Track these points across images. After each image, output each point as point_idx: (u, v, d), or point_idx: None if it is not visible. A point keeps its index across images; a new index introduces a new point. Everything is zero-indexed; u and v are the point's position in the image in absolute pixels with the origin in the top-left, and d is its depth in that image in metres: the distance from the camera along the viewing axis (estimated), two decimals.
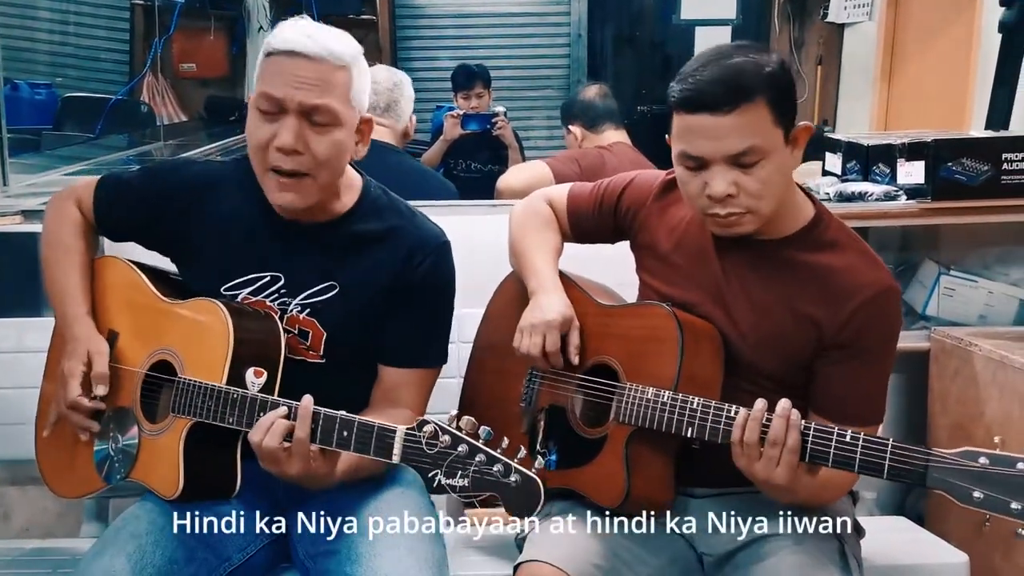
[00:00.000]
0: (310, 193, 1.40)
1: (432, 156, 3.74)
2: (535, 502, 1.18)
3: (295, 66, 1.35)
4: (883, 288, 1.38)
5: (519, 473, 1.18)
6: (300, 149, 1.36)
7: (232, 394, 1.34)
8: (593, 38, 5.51)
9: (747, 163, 1.31)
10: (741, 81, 1.29)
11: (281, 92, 1.35)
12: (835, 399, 1.40)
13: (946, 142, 2.19)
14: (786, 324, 1.40)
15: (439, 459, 1.20)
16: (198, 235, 1.51)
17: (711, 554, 1.45)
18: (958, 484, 1.17)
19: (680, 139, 1.35)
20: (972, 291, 2.33)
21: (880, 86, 3.90)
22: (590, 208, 1.60)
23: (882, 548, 1.64)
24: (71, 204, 1.58)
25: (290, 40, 1.36)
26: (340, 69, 1.38)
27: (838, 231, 1.44)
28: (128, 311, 1.52)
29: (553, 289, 1.51)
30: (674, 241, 1.50)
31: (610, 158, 2.69)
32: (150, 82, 4.76)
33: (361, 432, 1.26)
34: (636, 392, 1.40)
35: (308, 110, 1.36)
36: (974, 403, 2.09)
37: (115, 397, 1.47)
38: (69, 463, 1.53)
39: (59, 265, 1.54)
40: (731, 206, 1.34)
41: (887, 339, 1.41)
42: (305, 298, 1.47)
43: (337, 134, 1.38)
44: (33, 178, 2.71)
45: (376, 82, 2.44)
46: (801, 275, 1.40)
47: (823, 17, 4.76)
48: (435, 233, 1.51)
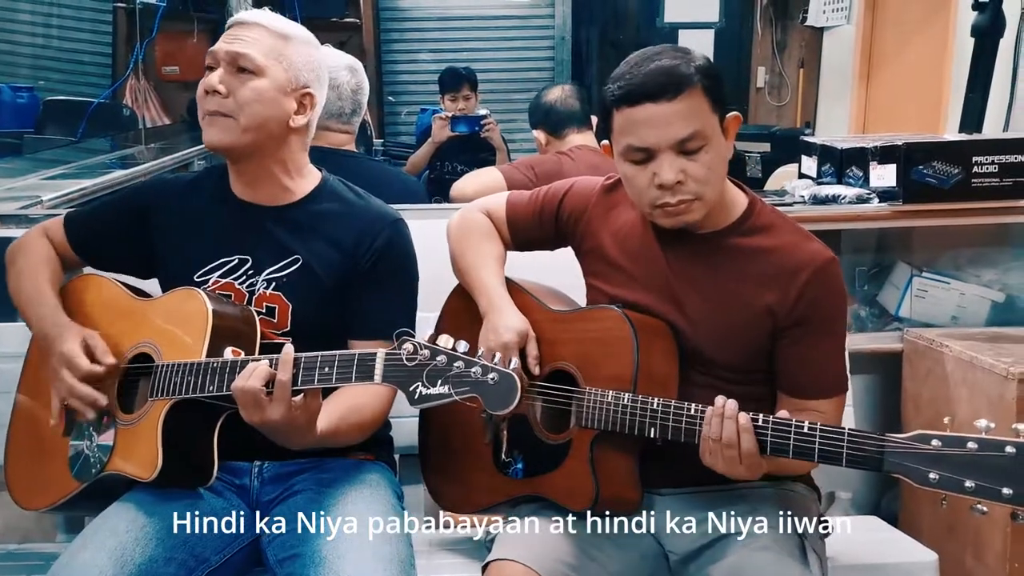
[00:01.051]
0: (230, 131, 1.50)
1: (419, 158, 3.75)
2: (513, 396, 1.21)
3: (236, 29, 1.52)
4: (824, 260, 1.42)
5: (496, 371, 1.21)
6: (222, 91, 1.49)
7: (212, 364, 1.37)
8: (577, 41, 5.54)
9: (692, 148, 1.37)
10: (678, 70, 1.36)
11: (219, 47, 1.51)
12: (802, 377, 1.43)
13: (917, 145, 2.21)
14: (739, 313, 1.43)
15: (419, 371, 1.23)
16: (166, 241, 1.57)
17: (676, 552, 1.47)
18: (914, 467, 1.20)
19: (625, 133, 1.39)
20: (944, 292, 2.35)
21: (858, 89, 3.94)
22: (529, 216, 1.62)
23: (853, 547, 1.65)
24: (40, 237, 1.64)
25: (241, 14, 1.54)
26: (275, 36, 1.52)
27: (771, 214, 1.49)
28: (105, 318, 1.55)
29: (505, 306, 1.53)
30: (619, 243, 1.52)
31: (568, 164, 2.63)
32: (133, 85, 4.75)
33: (342, 362, 1.29)
34: (596, 396, 1.41)
35: (233, 57, 1.49)
36: (945, 403, 2.11)
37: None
38: (40, 473, 1.53)
39: (27, 281, 1.58)
40: (680, 193, 1.38)
41: (837, 307, 1.46)
42: (270, 274, 1.52)
43: (259, 82, 1.49)
44: (11, 182, 2.71)
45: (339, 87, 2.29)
46: (745, 263, 1.44)
47: (803, 21, 4.80)
48: (389, 211, 1.59)
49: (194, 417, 1.39)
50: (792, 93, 5.19)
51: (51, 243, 1.63)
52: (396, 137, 5.36)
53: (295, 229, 1.54)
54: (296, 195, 1.56)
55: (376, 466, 1.57)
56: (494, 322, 1.51)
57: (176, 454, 1.38)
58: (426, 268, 1.60)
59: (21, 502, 1.56)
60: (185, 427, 1.39)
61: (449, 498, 1.62)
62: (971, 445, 1.17)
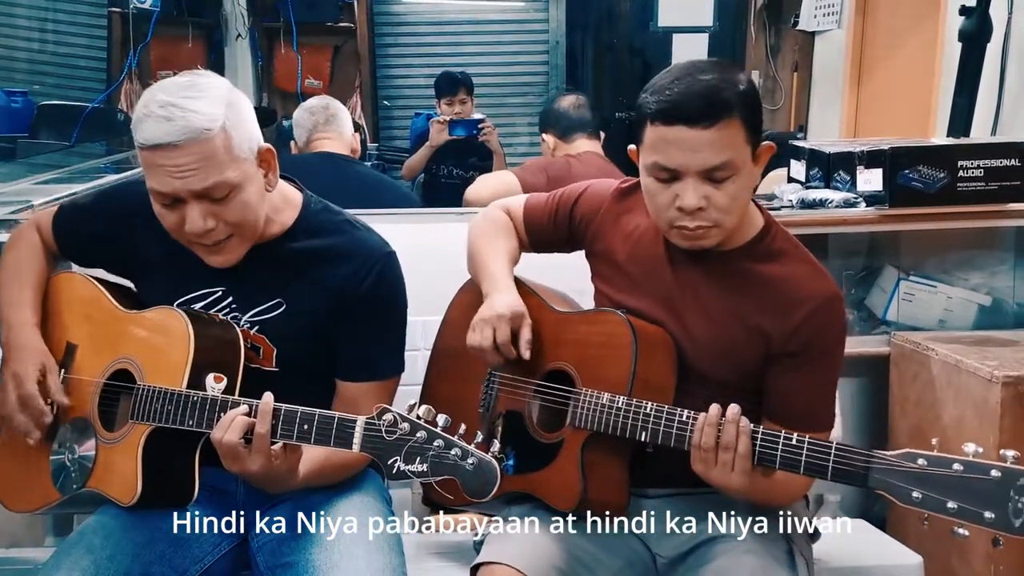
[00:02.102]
0: (239, 247, 1.43)
1: (416, 162, 3.76)
2: (491, 484, 1.20)
3: (168, 157, 1.33)
4: (828, 297, 1.42)
5: (476, 456, 1.20)
6: (212, 226, 1.38)
7: (192, 397, 1.35)
8: (572, 45, 5.55)
9: (719, 178, 1.34)
10: (720, 96, 1.31)
11: (169, 187, 1.35)
12: (786, 406, 1.42)
13: (903, 150, 2.23)
14: (736, 333, 1.43)
15: (398, 446, 1.22)
16: (151, 252, 1.52)
17: (664, 555, 1.47)
18: (898, 485, 1.20)
19: (654, 150, 1.36)
20: (931, 296, 2.37)
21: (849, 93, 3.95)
22: (545, 217, 1.63)
23: (840, 550, 1.67)
24: (31, 230, 1.61)
25: (151, 134, 1.32)
26: (212, 138, 1.34)
27: (784, 241, 1.47)
28: (86, 323, 1.54)
29: (505, 288, 1.53)
30: (628, 249, 1.52)
31: (577, 166, 2.71)
32: (128, 90, 4.75)
33: (321, 424, 1.28)
34: (591, 397, 1.42)
35: (203, 193, 1.36)
36: (931, 407, 2.12)
37: (72, 408, 1.48)
38: (23, 477, 1.53)
39: (11, 281, 1.56)
40: (700, 219, 1.36)
41: (834, 346, 1.44)
42: (254, 315, 1.48)
43: (241, 196, 1.38)
44: (4, 187, 2.71)
45: (309, 107, 2.75)
46: (750, 286, 1.43)
47: (795, 25, 4.81)
48: (378, 245, 1.51)
49: (175, 440, 1.38)
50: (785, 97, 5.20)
51: (40, 236, 1.60)
52: (391, 141, 5.36)
53: (277, 269, 1.48)
54: (276, 231, 1.49)
55: (363, 470, 1.57)
56: (493, 299, 1.51)
57: (156, 479, 1.38)
58: (422, 273, 1.59)
59: (7, 504, 1.57)
60: (165, 451, 1.39)
61: (439, 492, 1.63)
62: (957, 467, 1.17)
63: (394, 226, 1.59)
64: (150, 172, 1.36)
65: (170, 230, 1.41)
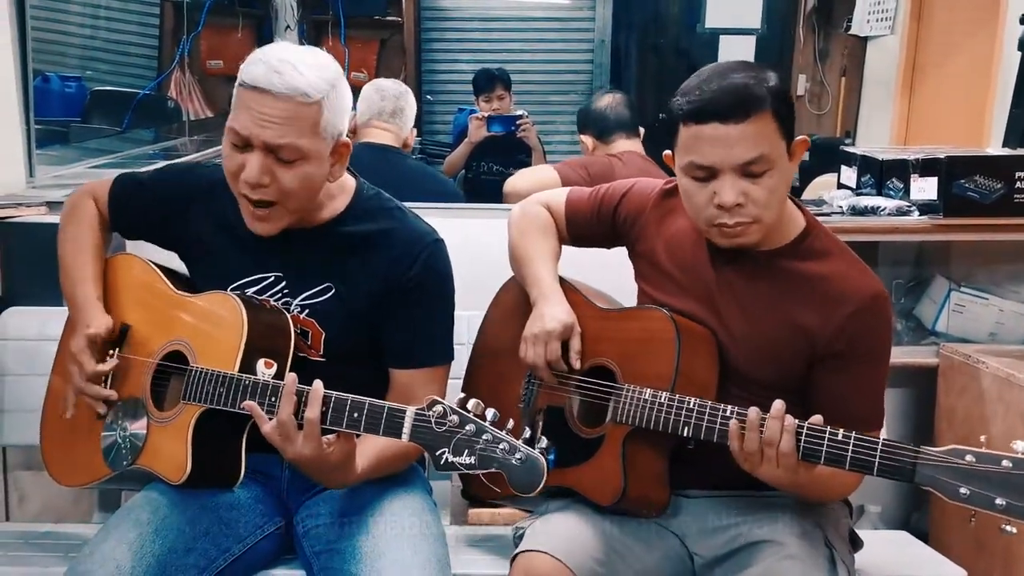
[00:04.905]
0: (279, 219, 1.44)
1: (457, 158, 3.77)
2: (538, 479, 1.21)
3: (261, 103, 1.36)
4: (873, 294, 1.41)
5: (523, 452, 1.21)
6: (266, 183, 1.39)
7: (243, 380, 1.37)
8: (617, 44, 5.52)
9: (756, 172, 1.35)
10: (751, 92, 1.34)
11: (247, 130, 1.37)
12: (833, 408, 1.40)
13: (959, 159, 2.20)
14: (779, 334, 1.42)
15: (447, 438, 1.23)
16: (204, 235, 1.55)
17: (702, 555, 1.47)
18: (946, 481, 1.20)
19: (689, 150, 1.37)
20: (983, 308, 2.33)
21: (900, 100, 3.89)
22: (588, 213, 1.63)
23: (881, 561, 1.65)
24: (87, 199, 1.63)
25: (257, 76, 1.36)
26: (308, 105, 1.37)
27: (827, 240, 1.47)
28: (141, 305, 1.56)
29: (554, 297, 1.54)
30: (670, 250, 1.53)
31: (619, 166, 2.69)
32: (177, 78, 4.81)
33: (372, 413, 1.29)
34: (634, 393, 1.42)
35: (273, 148, 1.38)
36: (980, 420, 2.09)
37: (126, 387, 1.51)
38: (75, 452, 1.56)
39: (72, 255, 1.59)
40: (739, 215, 1.37)
41: (881, 344, 1.44)
42: (305, 299, 1.50)
43: (305, 167, 1.40)
44: (59, 170, 2.77)
45: (383, 89, 2.70)
46: (794, 285, 1.43)
47: (847, 29, 4.75)
48: (426, 231, 1.52)
49: (224, 423, 1.40)
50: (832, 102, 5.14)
51: (96, 206, 1.62)
52: (433, 136, 5.38)
53: (329, 253, 1.50)
54: (328, 216, 1.51)
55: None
56: (543, 311, 1.52)
57: (204, 459, 1.41)
58: (466, 268, 1.60)
59: (58, 478, 1.60)
60: (215, 433, 1.41)
61: (482, 484, 1.64)
62: (1006, 463, 1.17)
63: (438, 220, 1.59)
64: (237, 110, 1.39)
65: (228, 172, 1.43)
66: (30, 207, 2.18)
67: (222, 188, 1.52)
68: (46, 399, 1.65)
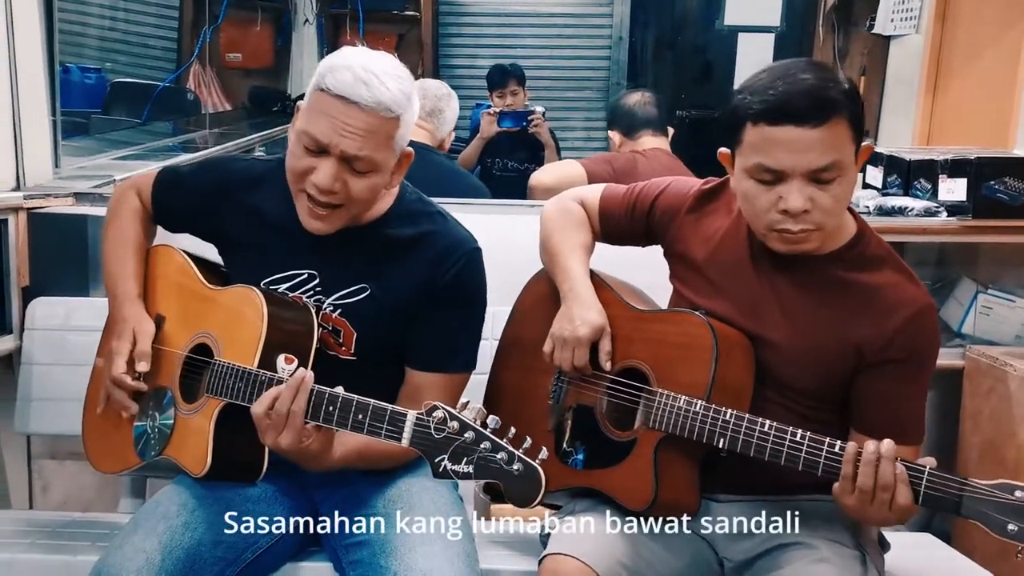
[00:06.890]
0: (339, 220, 1.44)
1: (469, 154, 3.76)
2: (535, 492, 1.19)
3: (346, 113, 1.36)
4: (924, 305, 1.39)
5: (522, 462, 1.19)
6: (337, 189, 1.40)
7: (260, 376, 1.37)
8: (634, 41, 5.51)
9: (826, 179, 1.30)
10: (827, 95, 1.28)
11: (327, 138, 1.37)
12: (879, 417, 1.39)
13: (989, 160, 2.18)
14: (826, 343, 1.40)
15: (446, 444, 1.21)
16: (242, 229, 1.55)
17: (731, 560, 1.46)
18: (993, 516, 1.18)
19: (757, 151, 1.32)
20: (1010, 311, 2.31)
21: (924, 100, 3.86)
22: (622, 211, 1.61)
23: (906, 564, 1.63)
24: (132, 193, 1.64)
25: (346, 86, 1.35)
26: (389, 120, 1.38)
27: (879, 248, 1.44)
28: (176, 297, 1.57)
29: (586, 295, 1.52)
30: (708, 252, 1.50)
31: (643, 162, 2.70)
32: (197, 71, 4.83)
33: (375, 415, 1.28)
34: (668, 399, 1.41)
35: (349, 158, 1.38)
36: (1006, 423, 2.07)
37: (157, 377, 1.51)
38: (110, 440, 1.57)
39: (116, 251, 1.60)
40: (804, 222, 1.33)
41: (928, 355, 1.41)
42: (338, 298, 1.50)
43: (375, 178, 1.41)
44: (84, 160, 2.78)
45: (425, 89, 2.65)
46: (843, 293, 1.40)
47: (869, 28, 4.71)
48: (466, 238, 1.52)
49: (246, 417, 1.39)
50: None
51: (140, 200, 1.64)
52: None
53: (367, 254, 1.50)
54: (371, 217, 1.51)
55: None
56: (572, 312, 1.50)
57: (226, 453, 1.41)
58: (489, 263, 1.58)
59: (94, 463, 1.62)
60: (237, 426, 1.40)
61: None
62: None
63: (462, 216, 1.59)
64: (314, 115, 1.38)
65: (292, 172, 1.42)
66: (57, 198, 2.19)
67: (262, 183, 1.52)
68: (91, 381, 1.66)
